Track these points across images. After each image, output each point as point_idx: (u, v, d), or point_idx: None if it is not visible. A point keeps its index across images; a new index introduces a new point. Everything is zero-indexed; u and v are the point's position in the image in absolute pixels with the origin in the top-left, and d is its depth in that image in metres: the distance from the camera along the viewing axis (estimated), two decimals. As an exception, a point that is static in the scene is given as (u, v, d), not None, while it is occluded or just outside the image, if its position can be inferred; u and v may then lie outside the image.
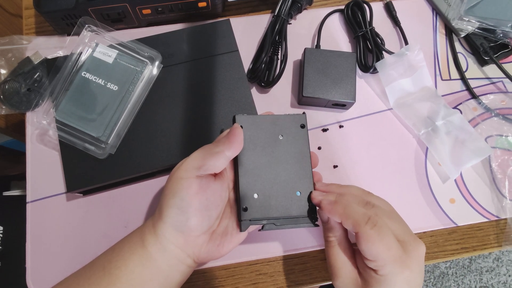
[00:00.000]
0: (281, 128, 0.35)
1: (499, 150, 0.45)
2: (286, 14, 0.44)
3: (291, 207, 0.33)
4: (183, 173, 0.31)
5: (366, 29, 0.45)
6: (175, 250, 0.30)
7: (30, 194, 0.40)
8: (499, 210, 0.43)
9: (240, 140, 0.32)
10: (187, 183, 0.30)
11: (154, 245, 0.30)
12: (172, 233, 0.30)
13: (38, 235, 0.39)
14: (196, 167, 0.30)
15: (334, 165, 0.43)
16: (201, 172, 0.30)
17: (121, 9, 0.42)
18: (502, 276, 1.23)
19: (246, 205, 0.32)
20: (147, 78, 0.40)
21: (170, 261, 0.30)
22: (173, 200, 0.30)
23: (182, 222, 0.30)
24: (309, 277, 0.41)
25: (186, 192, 0.30)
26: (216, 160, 0.31)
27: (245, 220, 0.32)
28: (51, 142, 0.41)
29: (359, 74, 0.46)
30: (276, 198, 0.33)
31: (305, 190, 0.33)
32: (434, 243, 0.42)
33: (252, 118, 0.34)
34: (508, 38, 0.46)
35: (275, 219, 0.32)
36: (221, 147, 0.31)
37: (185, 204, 0.30)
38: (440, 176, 0.44)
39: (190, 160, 0.31)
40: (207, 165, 0.30)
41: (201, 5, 0.44)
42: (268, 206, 0.33)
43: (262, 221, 0.32)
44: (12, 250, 0.68)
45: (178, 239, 0.30)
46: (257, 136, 0.34)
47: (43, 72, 0.42)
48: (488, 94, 0.47)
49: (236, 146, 0.32)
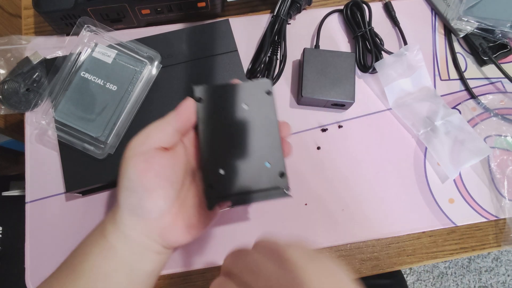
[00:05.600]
0: (245, 96, 0.32)
1: (498, 150, 0.45)
2: (285, 14, 0.44)
3: (260, 179, 0.30)
4: (127, 152, 0.29)
5: (365, 29, 0.45)
6: (138, 237, 0.28)
7: (29, 194, 0.40)
8: (498, 210, 0.43)
9: (189, 111, 0.30)
10: (132, 162, 0.28)
11: (113, 233, 0.28)
12: (130, 219, 0.28)
13: (37, 235, 0.39)
14: (140, 143, 0.29)
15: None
16: (145, 148, 0.28)
17: (120, 9, 0.42)
18: (501, 276, 1.23)
19: (212, 182, 0.30)
20: (146, 78, 0.40)
21: (133, 249, 0.28)
22: (122, 182, 0.28)
23: (135, 204, 0.28)
24: (308, 277, 0.41)
25: (132, 171, 0.28)
26: (161, 133, 0.29)
27: (212, 198, 0.30)
28: (50, 142, 0.41)
29: (358, 74, 0.46)
30: (244, 171, 0.31)
31: (274, 161, 0.31)
32: (433, 243, 0.43)
33: (212, 88, 0.32)
34: (507, 38, 0.46)
35: (244, 194, 0.30)
36: (167, 119, 0.29)
37: (133, 184, 0.28)
38: (439, 176, 0.44)
39: (134, 138, 0.29)
40: (152, 139, 0.29)
41: (200, 5, 0.44)
42: (235, 181, 0.30)
43: (231, 197, 0.30)
44: (11, 250, 0.68)
45: (137, 224, 0.28)
46: (219, 107, 0.31)
47: (42, 72, 0.42)
48: (487, 94, 0.47)
49: (184, 118, 0.30)
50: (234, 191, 0.30)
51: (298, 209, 0.42)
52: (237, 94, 0.32)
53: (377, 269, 0.42)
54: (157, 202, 0.28)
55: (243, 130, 0.31)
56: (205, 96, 0.32)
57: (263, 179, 0.31)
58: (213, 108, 0.31)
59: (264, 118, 0.32)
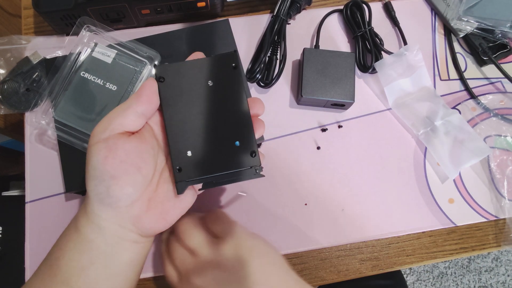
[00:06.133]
0: (210, 72, 0.30)
1: (498, 150, 0.45)
2: (285, 14, 0.44)
3: (230, 160, 0.29)
4: (91, 140, 0.28)
5: (365, 29, 0.45)
6: (111, 227, 0.28)
7: (29, 194, 0.40)
8: (498, 210, 0.43)
9: (151, 93, 0.29)
10: (95, 149, 0.27)
11: (87, 225, 0.28)
12: (101, 208, 0.27)
13: (37, 235, 0.39)
14: (101, 130, 0.27)
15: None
16: (107, 134, 0.27)
17: (120, 9, 0.42)
18: (501, 276, 1.23)
19: (180, 165, 0.29)
20: (146, 78, 0.40)
21: (108, 240, 0.28)
22: (89, 171, 0.27)
23: (103, 193, 0.27)
24: (308, 277, 0.41)
25: (96, 158, 0.27)
26: (123, 118, 0.28)
27: (181, 182, 0.28)
28: (50, 142, 0.41)
29: (358, 74, 0.46)
30: (213, 152, 0.29)
31: (244, 139, 0.29)
32: (433, 243, 0.43)
33: (175, 66, 0.30)
34: (507, 38, 0.46)
35: (215, 176, 0.29)
36: (128, 103, 0.28)
37: (98, 173, 0.27)
38: (439, 176, 0.44)
39: (97, 125, 0.28)
40: (113, 125, 0.27)
41: (200, 5, 0.44)
42: (205, 163, 0.29)
43: (200, 180, 0.29)
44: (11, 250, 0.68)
45: (108, 214, 0.27)
46: (183, 86, 0.30)
47: (42, 72, 0.42)
48: (487, 94, 0.47)
49: (146, 100, 0.28)
50: (203, 174, 0.29)
51: (298, 209, 0.42)
52: (201, 71, 0.30)
53: (377, 269, 0.42)
54: (126, 189, 0.27)
55: (210, 108, 0.30)
56: (169, 74, 0.30)
57: (233, 159, 0.29)
58: (177, 87, 0.30)
59: (231, 94, 0.30)
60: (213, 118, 0.30)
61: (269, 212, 0.41)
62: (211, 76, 0.30)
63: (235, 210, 0.41)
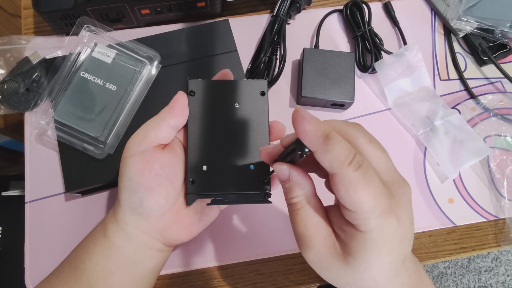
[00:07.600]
0: (238, 94, 0.31)
1: (497, 150, 0.45)
2: (285, 14, 0.44)
3: (242, 181, 0.30)
4: (126, 152, 0.29)
5: (364, 29, 0.45)
6: (139, 235, 0.29)
7: (29, 194, 0.40)
8: (497, 210, 0.43)
9: (183, 106, 0.30)
10: (132, 161, 0.28)
11: (116, 232, 0.29)
12: (131, 217, 0.28)
13: (36, 235, 0.39)
14: (138, 142, 0.29)
15: None
16: (143, 147, 0.28)
17: (120, 9, 0.42)
18: (501, 276, 1.23)
19: (194, 178, 0.30)
20: (145, 78, 0.40)
21: (135, 248, 0.29)
22: (123, 182, 0.28)
23: (136, 203, 0.28)
24: (308, 277, 0.41)
25: (132, 170, 0.28)
26: (158, 131, 0.29)
27: (192, 194, 0.29)
28: (49, 142, 0.41)
29: (357, 74, 0.46)
30: (227, 171, 0.30)
31: (259, 165, 0.30)
32: (432, 243, 0.43)
33: (206, 83, 0.31)
34: (507, 38, 0.46)
35: (224, 194, 0.30)
36: (162, 116, 0.29)
37: (134, 184, 0.28)
38: (438, 176, 0.44)
39: (132, 137, 0.29)
40: (149, 138, 0.29)
41: (200, 5, 0.44)
42: (217, 180, 0.30)
43: (210, 195, 0.30)
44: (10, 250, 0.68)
45: (139, 223, 0.29)
46: (211, 103, 0.31)
47: (42, 72, 0.42)
48: (487, 94, 0.47)
49: (179, 113, 0.29)
50: (214, 190, 0.30)
51: (297, 209, 0.41)
52: (231, 92, 0.31)
53: (376, 269, 0.42)
54: (159, 200, 0.28)
55: (232, 128, 0.31)
56: (199, 90, 0.31)
57: (245, 181, 0.30)
58: (205, 103, 0.31)
59: (255, 119, 0.31)
60: (233, 138, 0.31)
61: (269, 212, 0.41)
62: (239, 98, 0.31)
63: (235, 209, 0.41)
